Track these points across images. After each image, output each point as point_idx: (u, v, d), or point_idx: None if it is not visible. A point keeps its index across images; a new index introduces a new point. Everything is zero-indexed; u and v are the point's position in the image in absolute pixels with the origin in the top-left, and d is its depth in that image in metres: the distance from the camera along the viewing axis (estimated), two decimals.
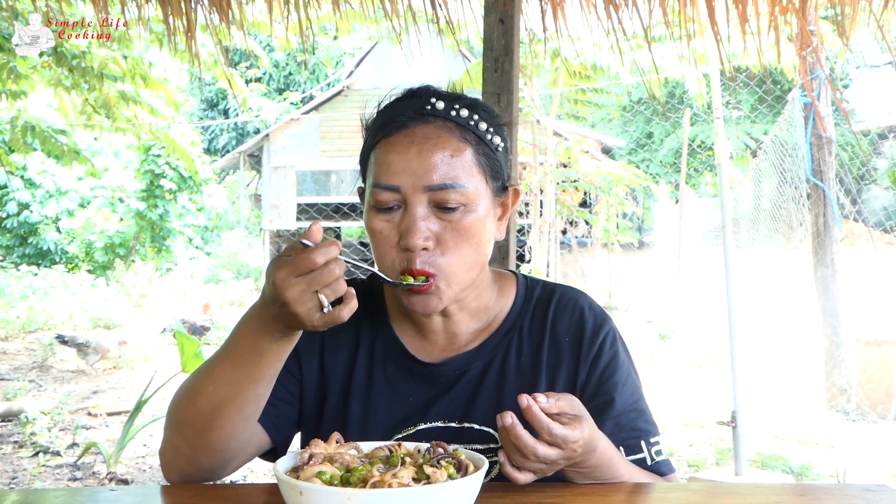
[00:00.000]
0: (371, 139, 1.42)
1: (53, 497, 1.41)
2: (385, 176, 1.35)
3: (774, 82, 16.52)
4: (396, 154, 1.35)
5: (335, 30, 8.85)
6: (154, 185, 17.15)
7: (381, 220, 1.36)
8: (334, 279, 1.16)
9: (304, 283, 1.16)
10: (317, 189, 19.24)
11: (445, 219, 1.35)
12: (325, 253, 1.15)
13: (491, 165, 1.40)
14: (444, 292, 1.36)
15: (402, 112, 1.38)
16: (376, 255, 1.39)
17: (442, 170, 1.33)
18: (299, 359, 1.49)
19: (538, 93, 11.56)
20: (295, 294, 1.16)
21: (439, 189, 1.33)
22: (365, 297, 1.54)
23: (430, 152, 1.34)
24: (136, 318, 12.75)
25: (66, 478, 5.27)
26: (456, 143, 1.36)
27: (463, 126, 1.38)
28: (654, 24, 3.39)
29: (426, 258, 1.34)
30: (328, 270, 1.16)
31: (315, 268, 1.15)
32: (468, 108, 1.39)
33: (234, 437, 1.36)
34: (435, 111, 1.37)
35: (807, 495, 1.36)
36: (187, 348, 4.72)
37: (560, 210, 13.38)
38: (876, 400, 6.68)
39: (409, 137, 1.35)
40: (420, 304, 1.37)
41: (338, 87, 19.07)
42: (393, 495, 1.03)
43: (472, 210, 1.36)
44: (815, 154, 6.85)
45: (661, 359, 9.71)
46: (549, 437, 1.18)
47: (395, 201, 1.35)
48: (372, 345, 1.51)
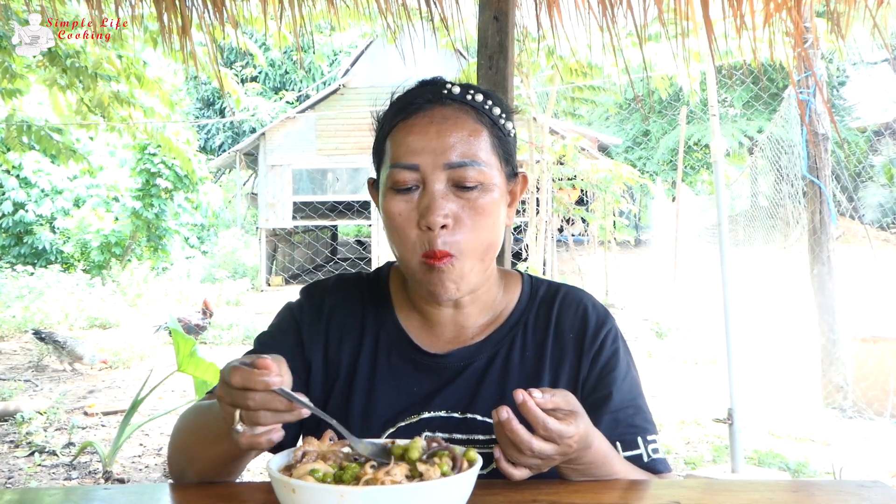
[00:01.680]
0: (387, 125, 1.43)
1: (48, 496, 1.41)
2: (404, 156, 1.37)
3: (770, 80, 16.54)
4: (416, 135, 1.37)
5: (330, 28, 8.83)
6: (150, 183, 17.15)
7: (401, 201, 1.37)
8: (249, 406, 1.13)
9: (226, 393, 1.15)
10: (313, 188, 19.25)
11: (464, 197, 1.36)
12: (247, 379, 1.11)
13: (505, 149, 1.43)
14: (462, 272, 1.37)
15: (420, 96, 1.41)
16: (395, 240, 1.40)
17: (461, 148, 1.36)
18: (306, 355, 1.51)
19: (534, 90, 11.55)
20: (220, 393, 1.16)
21: (459, 167, 1.35)
22: (371, 288, 1.57)
23: (448, 132, 1.36)
24: (132, 318, 12.74)
25: (62, 477, 5.25)
26: (473, 125, 1.39)
27: (478, 110, 1.41)
28: (649, 21, 3.39)
29: (446, 237, 1.34)
30: (242, 395, 1.12)
31: (234, 385, 1.13)
32: (482, 94, 1.43)
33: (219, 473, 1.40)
34: (452, 95, 1.41)
35: (802, 492, 1.36)
36: (183, 347, 4.71)
37: (557, 208, 13.38)
38: (872, 397, 6.69)
39: (427, 118, 1.38)
40: (440, 287, 1.37)
41: (334, 86, 19.08)
42: (386, 492, 1.03)
43: (489, 189, 1.38)
44: (812, 151, 6.85)
45: (657, 356, 9.72)
46: (544, 433, 1.19)
47: (414, 181, 1.36)
48: (377, 335, 1.52)
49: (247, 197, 23.23)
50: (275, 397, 1.11)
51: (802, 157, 6.88)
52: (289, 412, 1.13)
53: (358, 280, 1.60)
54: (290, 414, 1.13)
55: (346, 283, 1.59)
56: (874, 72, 26.11)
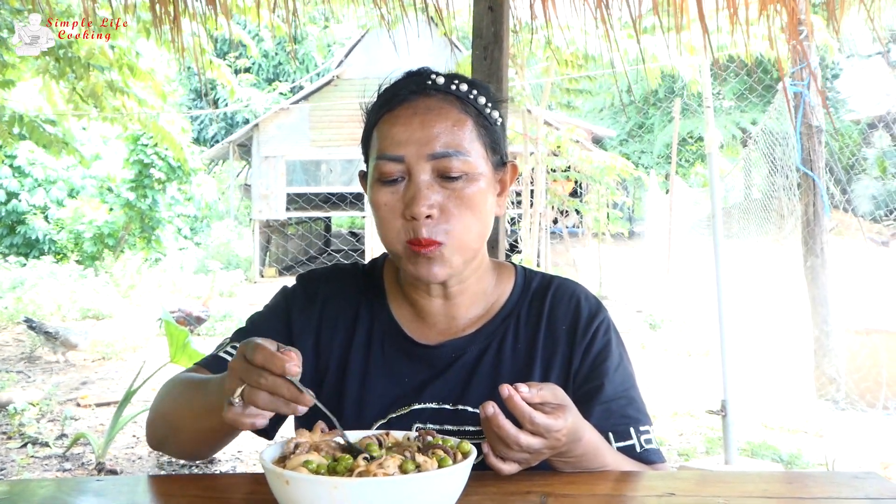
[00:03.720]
0: (373, 117, 1.44)
1: (40, 487, 1.40)
2: (389, 147, 1.37)
3: (765, 71, 16.55)
4: (400, 126, 1.37)
5: (324, 19, 8.81)
6: (143, 174, 17.08)
7: (387, 193, 1.38)
8: (259, 384, 1.13)
9: (240, 367, 1.15)
10: (306, 179, 19.22)
11: (449, 188, 1.36)
12: (268, 360, 1.12)
13: (491, 138, 1.43)
14: (449, 260, 1.37)
15: (404, 87, 1.42)
16: (381, 229, 1.40)
17: (445, 139, 1.36)
18: (293, 342, 1.50)
19: (529, 82, 11.54)
20: (234, 365, 1.16)
21: (442, 157, 1.35)
22: (364, 279, 1.58)
23: (432, 123, 1.36)
24: (125, 309, 12.72)
25: (55, 469, 5.25)
26: (457, 115, 1.39)
27: (463, 99, 1.41)
28: (644, 13, 3.38)
29: (431, 227, 1.35)
30: (257, 373, 1.12)
31: (254, 363, 1.13)
32: (467, 83, 1.43)
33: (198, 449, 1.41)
34: (436, 86, 1.41)
35: (796, 483, 1.36)
36: (176, 338, 4.70)
37: (551, 200, 13.39)
38: (865, 389, 6.71)
39: (411, 109, 1.38)
40: (425, 269, 1.37)
41: (327, 77, 19.03)
42: (379, 484, 1.02)
43: (475, 179, 1.38)
44: (805, 143, 6.86)
45: (651, 348, 9.74)
46: (531, 427, 1.18)
47: (399, 172, 1.36)
48: (370, 326, 1.52)
49: (240, 188, 23.18)
50: (284, 383, 1.11)
51: (796, 150, 6.89)
52: (287, 405, 1.13)
53: (354, 271, 1.61)
54: (287, 407, 1.13)
55: (341, 274, 1.60)
56: (868, 64, 26.15)
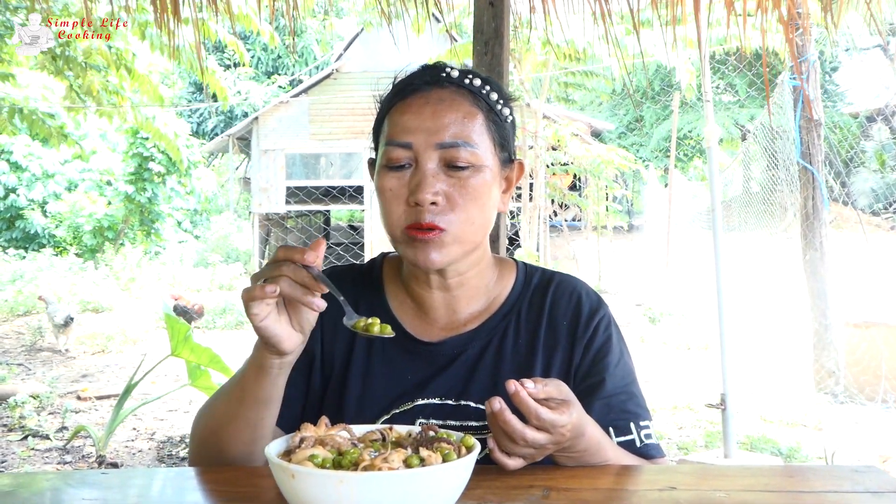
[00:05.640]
0: (386, 105, 1.46)
1: (44, 480, 1.41)
2: (399, 134, 1.39)
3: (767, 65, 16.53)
4: (411, 114, 1.40)
5: (323, 13, 8.80)
6: (142, 168, 17.07)
7: (393, 178, 1.39)
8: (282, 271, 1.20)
9: (266, 266, 1.24)
10: (306, 172, 19.18)
11: (455, 177, 1.38)
12: (290, 251, 1.21)
13: (500, 134, 1.45)
14: (448, 247, 1.39)
15: (419, 78, 1.45)
16: (384, 213, 1.42)
17: (454, 129, 1.38)
18: (309, 348, 1.50)
19: (528, 76, 11.52)
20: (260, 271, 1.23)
21: (451, 146, 1.37)
22: (364, 278, 1.59)
23: (443, 113, 1.39)
24: (125, 302, 12.72)
25: (55, 461, 5.26)
26: (468, 108, 1.41)
27: (475, 94, 1.43)
28: (641, 7, 3.38)
29: (434, 214, 1.36)
30: (279, 265, 1.21)
31: (277, 258, 1.22)
32: (481, 79, 1.45)
33: (242, 458, 1.42)
34: (450, 78, 1.43)
35: (795, 477, 1.37)
36: (177, 332, 4.71)
37: (550, 193, 13.39)
38: (864, 382, 6.73)
39: (423, 99, 1.41)
40: (423, 255, 1.39)
41: (327, 70, 18.99)
42: (384, 478, 1.03)
43: (481, 171, 1.40)
44: (804, 137, 6.86)
45: (650, 342, 9.75)
46: (537, 422, 1.19)
47: (407, 159, 1.39)
48: None
49: (240, 181, 23.15)
50: (304, 271, 1.20)
51: (796, 143, 6.89)
52: (304, 294, 1.20)
53: (351, 270, 1.61)
54: (304, 296, 1.20)
55: (341, 274, 1.60)
56: (866, 57, 26.13)
